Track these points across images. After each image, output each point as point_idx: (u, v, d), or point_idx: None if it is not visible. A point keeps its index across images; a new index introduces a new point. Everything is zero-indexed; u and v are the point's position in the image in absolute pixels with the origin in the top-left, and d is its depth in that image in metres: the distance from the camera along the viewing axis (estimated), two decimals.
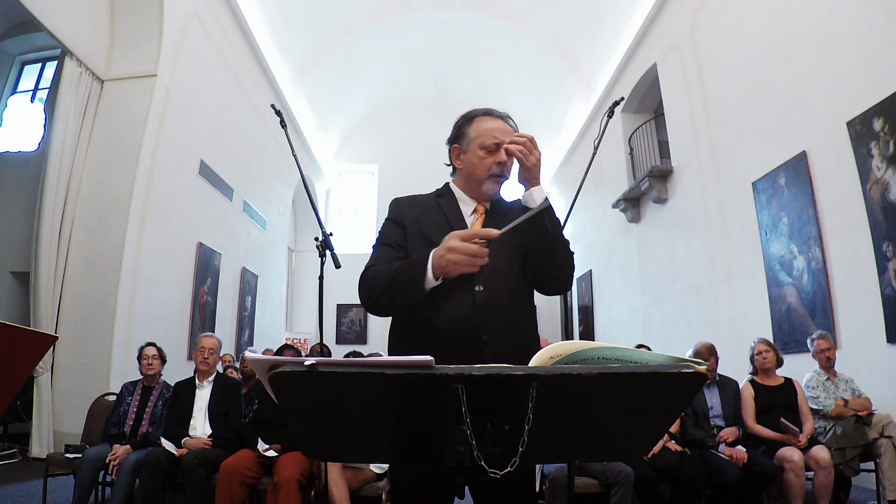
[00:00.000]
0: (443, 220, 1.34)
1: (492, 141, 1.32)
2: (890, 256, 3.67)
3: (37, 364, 1.49)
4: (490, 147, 1.32)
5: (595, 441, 0.90)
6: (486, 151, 1.33)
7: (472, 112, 1.39)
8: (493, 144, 1.32)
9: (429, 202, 1.41)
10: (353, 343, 11.13)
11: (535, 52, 9.80)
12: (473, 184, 1.37)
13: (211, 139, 6.69)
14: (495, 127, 1.34)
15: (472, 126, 1.36)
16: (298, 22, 8.40)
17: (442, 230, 1.29)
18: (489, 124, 1.35)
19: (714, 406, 3.30)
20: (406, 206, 1.40)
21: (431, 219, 1.35)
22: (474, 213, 1.38)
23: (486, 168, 1.33)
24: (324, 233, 2.30)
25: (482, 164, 1.34)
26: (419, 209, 1.39)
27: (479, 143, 1.34)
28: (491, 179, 1.34)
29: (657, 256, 7.29)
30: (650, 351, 1.01)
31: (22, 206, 5.72)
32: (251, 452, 2.90)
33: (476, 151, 1.34)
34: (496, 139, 1.32)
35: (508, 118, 1.39)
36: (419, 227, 1.34)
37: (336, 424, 0.82)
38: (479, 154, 1.34)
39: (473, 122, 1.37)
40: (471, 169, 1.36)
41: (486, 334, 1.21)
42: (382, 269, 1.26)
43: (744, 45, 5.37)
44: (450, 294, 1.21)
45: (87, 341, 4.85)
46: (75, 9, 5.09)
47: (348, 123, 12.19)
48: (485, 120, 1.36)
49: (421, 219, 1.36)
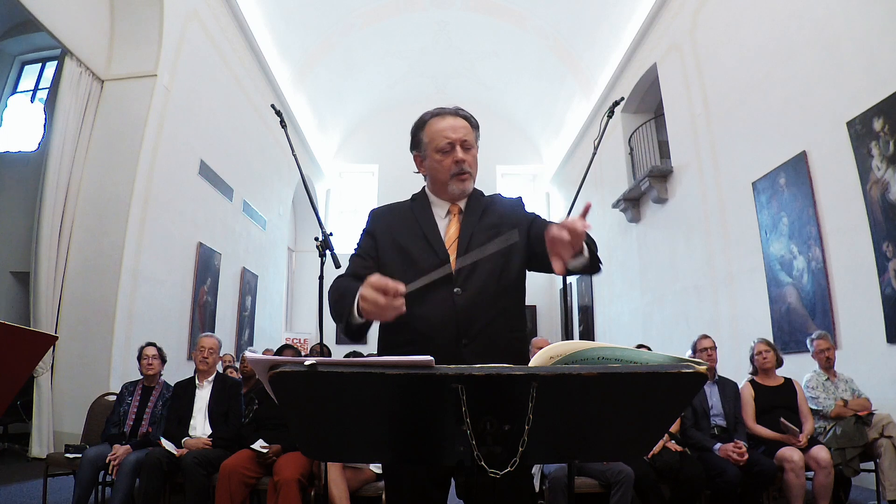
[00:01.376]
0: (415, 226, 1.34)
1: (444, 142, 1.32)
2: (890, 256, 3.67)
3: (37, 364, 1.49)
4: (444, 148, 1.32)
5: (595, 441, 0.90)
6: (441, 154, 1.33)
7: (423, 116, 1.39)
8: (447, 145, 1.32)
9: (404, 209, 1.41)
10: (353, 343, 11.11)
11: (535, 51, 9.81)
12: (440, 187, 1.37)
13: (211, 139, 6.69)
14: (445, 126, 1.33)
15: (424, 131, 1.36)
16: (298, 22, 8.40)
17: (415, 235, 1.32)
18: (439, 125, 1.34)
19: (714, 405, 3.30)
20: (380, 217, 1.41)
21: (405, 226, 1.36)
22: (448, 214, 1.37)
23: (445, 170, 1.33)
24: (324, 233, 2.30)
25: (441, 167, 1.33)
26: (393, 218, 1.39)
27: (433, 146, 1.33)
28: (454, 179, 1.33)
29: (657, 256, 7.29)
30: (650, 351, 1.01)
31: (22, 206, 5.72)
32: (251, 452, 2.90)
33: (433, 156, 1.34)
34: (448, 138, 1.32)
35: (459, 111, 1.37)
36: (392, 236, 1.34)
37: (336, 424, 0.82)
38: (436, 158, 1.34)
39: (425, 127, 1.36)
40: (433, 173, 1.36)
41: (466, 337, 1.21)
42: (341, 284, 1.25)
43: (744, 46, 5.37)
44: (429, 296, 1.20)
45: (87, 341, 4.85)
46: (75, 9, 5.08)
47: (348, 123, 12.19)
48: (435, 122, 1.35)
49: (394, 227, 1.36)
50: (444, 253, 1.29)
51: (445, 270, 1.12)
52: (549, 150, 12.09)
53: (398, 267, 1.29)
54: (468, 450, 0.76)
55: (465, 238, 1.31)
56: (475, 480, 0.79)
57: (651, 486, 2.81)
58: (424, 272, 1.18)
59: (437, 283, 1.17)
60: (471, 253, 1.17)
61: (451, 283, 1.23)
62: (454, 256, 1.28)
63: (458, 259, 1.21)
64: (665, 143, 7.16)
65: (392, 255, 1.32)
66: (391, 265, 1.30)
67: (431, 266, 1.23)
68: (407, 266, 1.28)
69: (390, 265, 1.30)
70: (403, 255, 1.30)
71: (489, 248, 1.10)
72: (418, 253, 1.30)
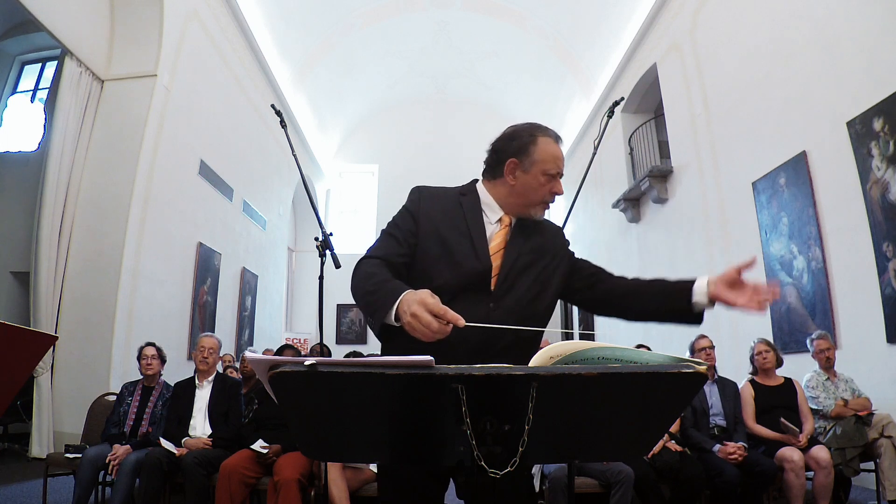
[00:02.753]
0: (462, 222, 1.30)
1: (556, 170, 1.29)
2: (890, 256, 3.67)
3: (37, 364, 1.49)
4: (553, 174, 1.30)
5: (595, 441, 0.90)
6: (547, 178, 1.29)
7: (535, 128, 1.32)
8: (557, 174, 1.30)
9: (451, 199, 1.35)
10: (353, 343, 11.13)
11: (535, 51, 9.80)
12: (519, 202, 1.32)
13: (211, 139, 6.69)
14: (559, 154, 1.31)
15: (537, 146, 1.29)
16: (298, 22, 8.40)
17: (459, 232, 1.28)
18: (553, 149, 1.30)
19: (714, 405, 3.30)
20: (427, 199, 1.34)
21: (450, 217, 1.30)
22: (499, 222, 1.33)
23: (542, 194, 1.30)
24: (324, 233, 2.30)
25: (541, 190, 1.30)
26: (439, 204, 1.33)
27: (542, 168, 1.28)
28: (541, 206, 1.32)
29: (657, 256, 7.29)
30: (650, 351, 1.01)
31: (22, 206, 5.71)
32: (251, 452, 2.90)
33: (538, 176, 1.29)
34: (559, 168, 1.30)
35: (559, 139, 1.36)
36: (435, 225, 1.29)
37: (336, 424, 0.82)
38: (540, 179, 1.29)
39: (539, 143, 1.29)
40: (524, 189, 1.30)
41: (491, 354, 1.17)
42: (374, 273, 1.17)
43: (744, 46, 5.37)
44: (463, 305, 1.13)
45: (87, 341, 4.85)
46: (75, 9, 5.08)
47: (348, 123, 12.19)
48: (549, 143, 1.30)
49: (439, 215, 1.30)
50: (487, 260, 1.25)
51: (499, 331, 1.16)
52: None
53: (435, 260, 1.25)
54: (468, 450, 0.76)
55: (512, 254, 1.27)
56: (475, 480, 0.79)
57: (651, 486, 2.81)
58: (462, 272, 1.21)
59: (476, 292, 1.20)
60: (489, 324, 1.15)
61: (488, 297, 1.22)
62: (497, 264, 1.25)
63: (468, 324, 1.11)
64: (665, 143, 7.16)
65: (431, 244, 1.27)
66: (428, 256, 1.26)
67: (471, 268, 1.22)
68: (445, 262, 1.24)
69: (427, 255, 1.26)
70: (444, 249, 1.25)
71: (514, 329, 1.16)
72: (460, 251, 1.26)
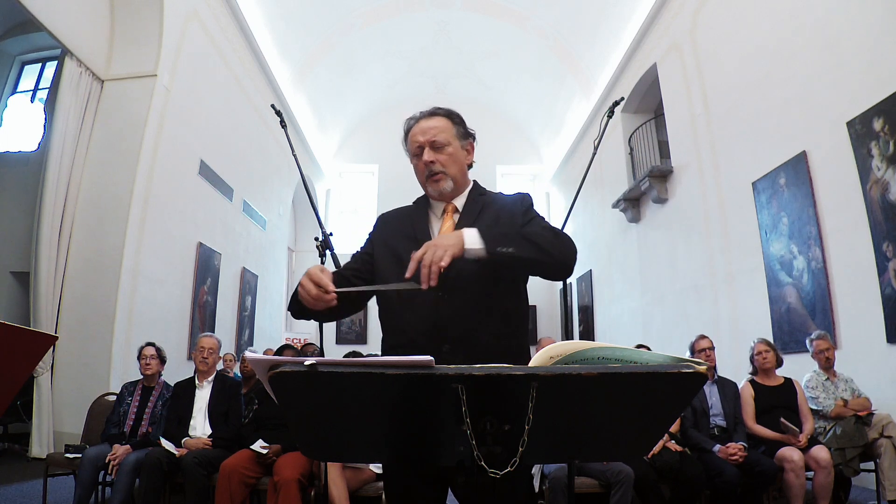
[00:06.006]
0: (409, 228, 1.35)
1: (415, 146, 1.34)
2: (890, 256, 3.67)
3: (37, 364, 1.49)
4: (416, 153, 1.35)
5: (595, 441, 0.90)
6: (415, 158, 1.35)
7: (406, 124, 1.40)
8: (417, 149, 1.34)
9: (406, 212, 1.43)
10: (353, 343, 11.13)
11: (535, 52, 9.81)
12: (423, 188, 1.39)
13: (211, 139, 6.69)
14: (416, 131, 1.35)
15: (406, 136, 1.38)
16: (298, 22, 8.40)
17: (405, 236, 1.32)
18: (414, 130, 1.36)
19: (714, 405, 3.30)
20: (382, 224, 1.43)
21: (401, 229, 1.37)
22: (443, 213, 1.37)
23: (421, 173, 1.35)
24: (324, 233, 2.30)
25: (417, 171, 1.36)
26: (394, 223, 1.41)
27: (411, 151, 1.37)
28: (428, 181, 1.34)
29: (657, 256, 7.29)
30: (650, 351, 1.01)
31: (22, 206, 5.71)
32: (251, 452, 2.90)
33: (412, 160, 1.37)
34: (417, 143, 1.34)
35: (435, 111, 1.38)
36: (389, 242, 1.35)
37: (336, 424, 0.82)
38: (413, 163, 1.37)
39: (407, 132, 1.38)
40: (417, 175, 1.38)
41: (448, 343, 1.18)
42: None
43: (744, 46, 5.37)
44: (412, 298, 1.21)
45: (87, 341, 4.85)
46: (75, 9, 5.08)
47: (348, 123, 12.19)
48: (412, 125, 1.37)
49: (392, 233, 1.37)
50: None
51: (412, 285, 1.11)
52: (549, 150, 12.09)
53: (389, 267, 1.30)
54: (468, 450, 0.76)
55: None
56: (475, 480, 0.79)
57: (651, 486, 2.81)
58: None
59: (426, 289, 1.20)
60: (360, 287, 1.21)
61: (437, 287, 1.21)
62: None
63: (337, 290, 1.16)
64: (665, 143, 7.16)
65: (387, 260, 1.33)
66: (382, 266, 1.33)
67: None
68: (396, 266, 1.28)
69: (382, 266, 1.33)
70: (396, 258, 1.30)
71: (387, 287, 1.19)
72: (406, 253, 1.26)
